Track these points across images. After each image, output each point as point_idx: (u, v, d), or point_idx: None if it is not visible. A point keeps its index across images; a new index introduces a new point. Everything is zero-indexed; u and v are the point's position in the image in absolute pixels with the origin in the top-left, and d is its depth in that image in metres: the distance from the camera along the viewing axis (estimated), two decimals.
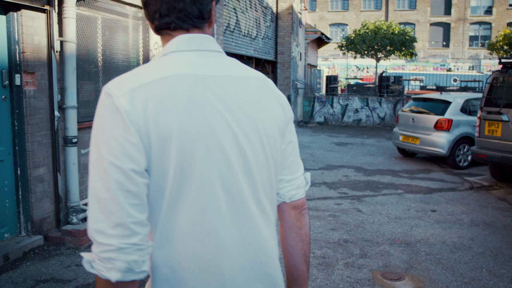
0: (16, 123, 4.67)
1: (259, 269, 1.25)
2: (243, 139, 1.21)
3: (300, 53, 19.48)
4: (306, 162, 10.49)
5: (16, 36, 4.57)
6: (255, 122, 1.23)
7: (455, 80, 28.71)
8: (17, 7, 4.57)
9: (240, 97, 1.23)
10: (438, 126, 10.00)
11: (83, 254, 1.15)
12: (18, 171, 4.71)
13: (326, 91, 22.59)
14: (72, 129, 5.15)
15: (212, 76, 1.20)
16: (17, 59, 4.58)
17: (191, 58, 1.22)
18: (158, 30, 1.27)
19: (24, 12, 4.62)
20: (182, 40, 1.23)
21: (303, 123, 19.31)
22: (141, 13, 6.69)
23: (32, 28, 4.71)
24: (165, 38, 1.27)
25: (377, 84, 20.75)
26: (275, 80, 17.65)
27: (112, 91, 1.14)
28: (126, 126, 1.10)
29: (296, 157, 1.41)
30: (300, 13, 19.17)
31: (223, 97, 1.19)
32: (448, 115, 10.00)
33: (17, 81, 4.61)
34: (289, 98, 17.50)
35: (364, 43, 22.63)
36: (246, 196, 1.22)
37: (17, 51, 4.58)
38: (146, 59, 6.84)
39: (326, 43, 27.00)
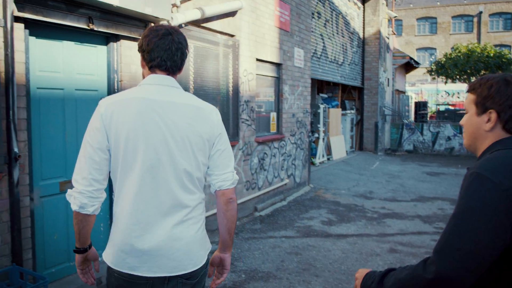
0: None
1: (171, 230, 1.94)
2: (171, 141, 1.91)
3: (388, 78, 18.87)
4: (396, 193, 9.93)
5: (115, 66, 4.72)
6: (184, 132, 1.93)
7: None
8: (117, 38, 4.73)
9: (176, 116, 1.93)
10: None
11: (68, 190, 1.93)
12: (113, 197, 4.80)
13: (415, 117, 21.64)
14: None
15: (158, 100, 1.93)
16: (115, 88, 4.72)
17: (150, 88, 1.97)
18: (151, 67, 2.00)
19: (123, 42, 4.77)
20: (152, 77, 2.00)
21: (391, 151, 18.53)
22: (231, 41, 6.74)
23: (129, 57, 4.85)
24: (148, 73, 2.03)
25: None
26: (361, 107, 17.18)
27: (101, 102, 1.94)
28: (100, 123, 1.89)
29: (225, 159, 2.06)
30: (388, 38, 18.66)
31: (162, 114, 1.91)
32: None
33: None
34: (376, 125, 16.92)
35: (456, 67, 21.50)
36: (170, 179, 1.92)
37: (116, 79, 4.73)
38: (236, 85, 6.84)
39: (414, 68, 26.03)
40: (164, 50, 1.96)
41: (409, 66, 24.87)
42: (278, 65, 8.55)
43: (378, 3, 16.87)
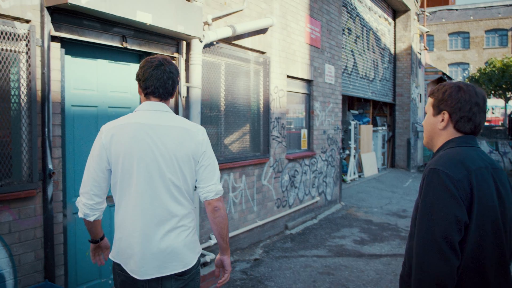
0: None
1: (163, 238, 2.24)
2: (161, 159, 2.20)
3: (420, 94, 18.56)
4: None
5: None
6: (171, 150, 2.21)
7: None
8: (149, 55, 4.77)
9: (164, 137, 2.22)
10: None
11: (78, 198, 2.33)
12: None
13: None
14: None
15: (150, 124, 2.23)
16: None
17: (144, 114, 2.28)
18: (146, 94, 2.32)
19: None
20: (146, 104, 2.31)
21: (424, 168, 18.09)
22: (262, 58, 6.73)
23: None
24: (144, 99, 2.35)
25: (506, 126, 18.95)
26: (393, 123, 16.91)
27: (102, 128, 2.28)
28: (100, 146, 2.23)
29: (209, 174, 2.31)
30: (420, 53, 18.40)
31: (153, 136, 2.21)
32: None
33: None
34: (408, 142, 16.61)
35: (491, 82, 21.00)
36: (161, 192, 2.20)
37: None
38: (266, 102, 6.82)
39: None
40: (157, 79, 2.26)
41: (441, 81, 24.41)
42: (308, 82, 8.50)
43: (409, 19, 16.69)
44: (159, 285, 2.23)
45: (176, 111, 5.05)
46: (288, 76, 7.62)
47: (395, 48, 16.96)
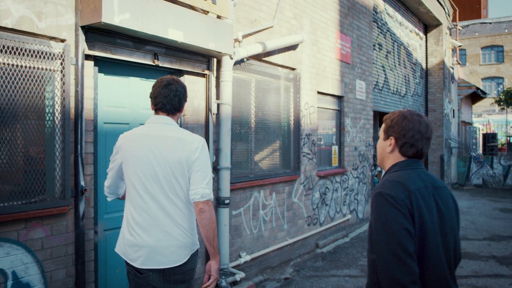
0: None
1: (160, 236, 2.56)
2: (156, 165, 2.56)
3: (453, 109, 18.16)
4: (466, 230, 9.33)
5: None
6: (166, 158, 2.56)
7: None
8: (181, 73, 4.80)
9: (162, 146, 2.58)
10: None
11: None
12: None
13: (484, 150, 20.58)
14: (225, 190, 5.14)
15: (152, 134, 2.63)
16: (179, 122, 4.75)
17: (150, 126, 2.68)
18: (155, 110, 2.71)
19: (186, 77, 4.84)
20: (153, 117, 2.71)
21: (458, 185, 17.61)
22: (292, 74, 6.70)
23: (193, 92, 4.90)
24: (154, 113, 2.73)
25: None
26: None
27: (120, 136, 2.75)
28: (116, 150, 2.74)
29: (198, 178, 2.56)
30: (452, 68, 18.05)
31: (152, 145, 2.59)
32: None
33: None
34: (441, 158, 16.21)
35: None
36: (157, 193, 2.57)
37: None
38: (297, 118, 6.76)
39: (481, 98, 24.93)
40: (165, 97, 2.64)
41: (475, 96, 23.86)
42: (339, 98, 8.41)
43: (441, 33, 16.42)
44: (159, 276, 2.57)
45: (206, 128, 5.05)
46: (319, 92, 7.55)
47: (426, 63, 16.68)
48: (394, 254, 1.83)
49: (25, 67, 3.43)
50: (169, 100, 2.63)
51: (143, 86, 4.48)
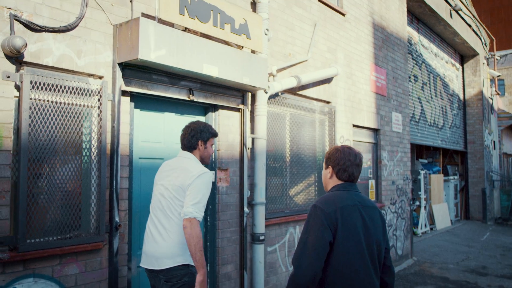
0: (208, 219, 4.73)
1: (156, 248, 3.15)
2: (164, 188, 3.20)
3: (494, 141, 17.59)
4: None
5: None
6: (171, 183, 3.16)
7: None
8: (215, 108, 4.80)
9: (172, 173, 3.21)
10: None
11: None
12: (208, 267, 4.68)
13: None
14: (260, 225, 5.04)
15: (170, 165, 3.30)
16: (213, 157, 4.73)
17: (176, 158, 3.35)
18: (181, 147, 3.35)
19: (221, 112, 4.83)
20: (179, 152, 3.37)
21: (502, 220, 16.81)
22: (327, 107, 6.63)
23: (227, 126, 4.88)
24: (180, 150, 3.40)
25: None
26: (465, 172, 16.02)
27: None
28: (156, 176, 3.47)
29: (188, 199, 3.04)
30: (491, 98, 17.59)
31: (166, 173, 3.26)
32: None
33: (216, 178, 4.72)
34: (483, 192, 15.61)
35: None
36: (160, 209, 3.18)
37: (214, 148, 4.74)
38: None
39: None
40: (184, 136, 3.30)
41: None
42: (375, 131, 8.25)
43: (478, 63, 16.11)
44: (159, 275, 3.12)
45: (241, 163, 5.00)
46: (354, 125, 7.43)
47: (464, 94, 16.33)
48: (308, 253, 2.32)
49: (64, 103, 3.49)
50: (182, 139, 3.32)
51: (178, 121, 4.49)
